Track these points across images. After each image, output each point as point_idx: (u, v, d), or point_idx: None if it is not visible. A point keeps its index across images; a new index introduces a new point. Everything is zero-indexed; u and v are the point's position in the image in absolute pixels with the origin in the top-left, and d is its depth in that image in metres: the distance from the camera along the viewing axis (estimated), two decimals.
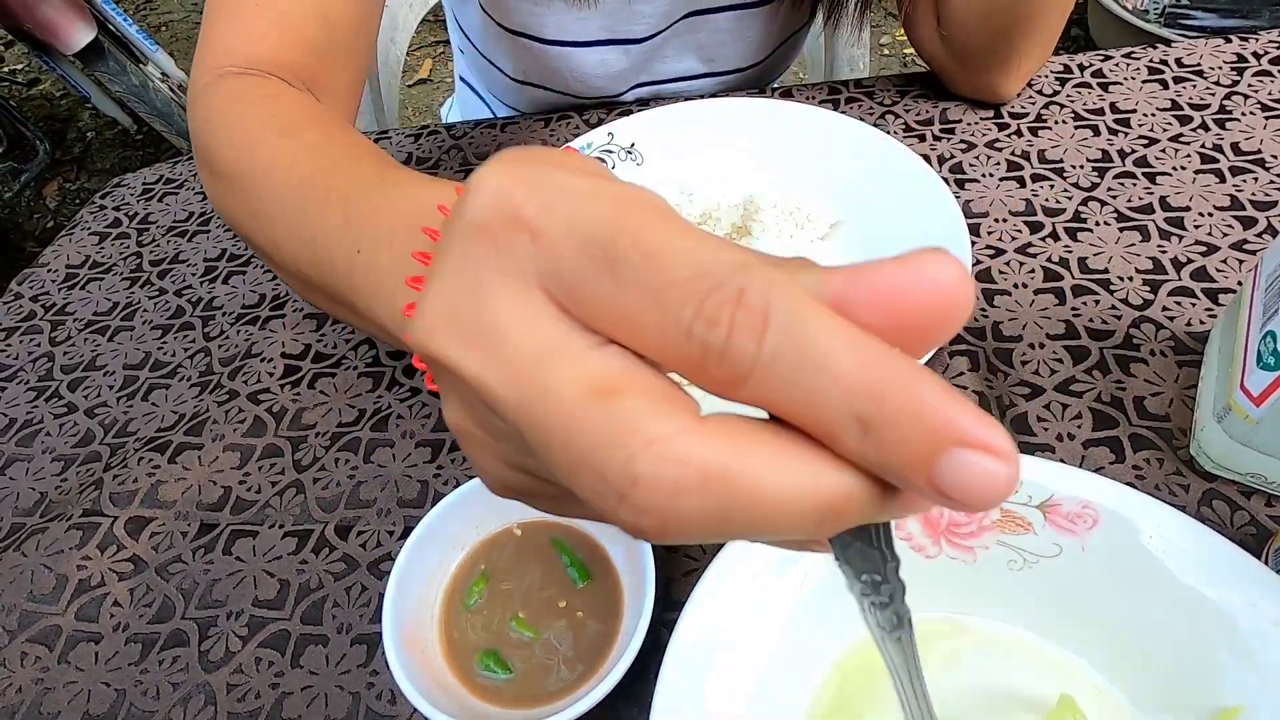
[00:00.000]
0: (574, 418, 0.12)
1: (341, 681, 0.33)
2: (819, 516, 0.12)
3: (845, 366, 0.11)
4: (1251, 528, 0.33)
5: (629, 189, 0.13)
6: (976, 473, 0.11)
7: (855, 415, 0.11)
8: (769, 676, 0.29)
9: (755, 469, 0.12)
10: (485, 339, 0.13)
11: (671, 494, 0.12)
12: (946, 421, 0.11)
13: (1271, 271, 0.33)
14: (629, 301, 0.12)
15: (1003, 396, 0.39)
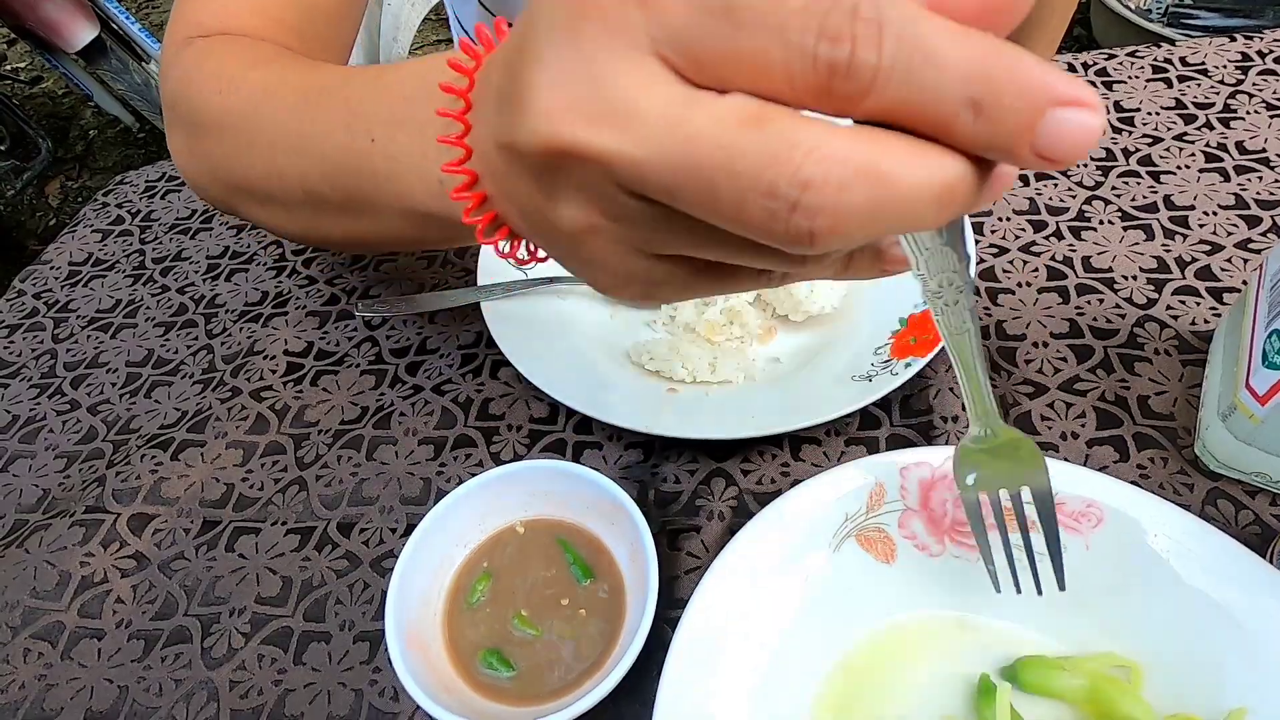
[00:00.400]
0: (733, 148, 0.13)
1: (344, 679, 0.33)
2: (941, 201, 0.14)
3: (955, 58, 0.13)
4: (1256, 527, 0.33)
5: None
6: (1072, 127, 0.13)
7: (969, 99, 0.13)
8: (772, 674, 0.29)
9: (897, 162, 0.13)
10: (616, 112, 0.14)
11: (839, 190, 0.13)
12: (1045, 87, 0.13)
13: (1277, 270, 0.33)
14: (751, 42, 0.13)
15: (1006, 395, 0.39)
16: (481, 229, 0.22)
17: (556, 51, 0.14)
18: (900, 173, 0.13)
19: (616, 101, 0.14)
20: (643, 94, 0.14)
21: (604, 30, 0.14)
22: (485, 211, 0.21)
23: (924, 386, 0.39)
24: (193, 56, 0.36)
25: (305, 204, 0.31)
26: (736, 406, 0.39)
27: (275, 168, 0.31)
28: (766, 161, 0.13)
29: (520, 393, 0.43)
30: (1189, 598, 0.28)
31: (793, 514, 0.31)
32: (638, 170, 0.14)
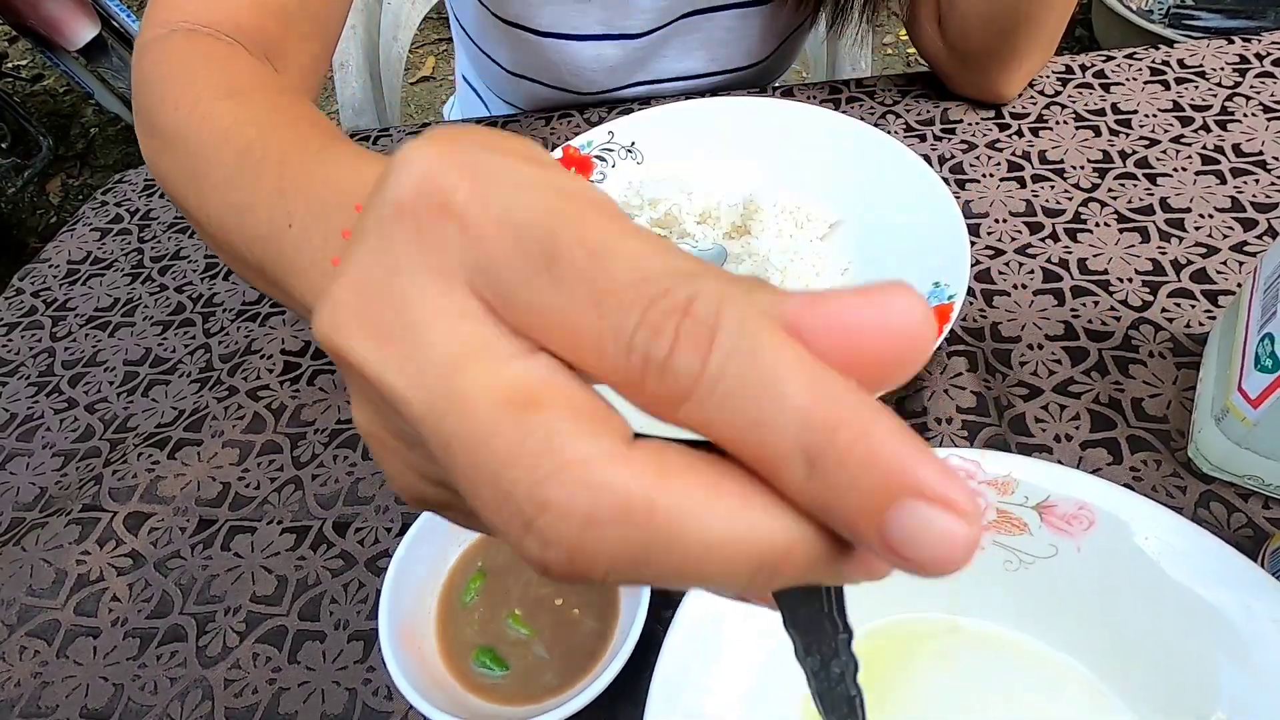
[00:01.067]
0: (484, 430, 0.11)
1: (338, 677, 0.34)
2: (753, 567, 0.11)
3: (795, 392, 0.10)
4: (1249, 530, 0.33)
5: (575, 181, 0.12)
6: (932, 530, 0.10)
7: (802, 447, 0.10)
8: (764, 675, 0.29)
9: (684, 504, 0.10)
10: (397, 336, 0.12)
11: (584, 525, 0.10)
12: (902, 467, 0.10)
13: (1270, 274, 0.33)
14: (566, 304, 0.11)
15: (1001, 397, 0.39)
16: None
17: (368, 250, 0.12)
18: (690, 520, 0.10)
19: (404, 324, 0.12)
20: (434, 324, 0.12)
21: (417, 241, 0.12)
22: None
23: (918, 389, 0.40)
24: (170, 52, 0.35)
25: (227, 251, 0.31)
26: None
27: (205, 208, 0.30)
28: (511, 459, 0.11)
29: None
30: (1180, 600, 0.28)
31: None
32: (401, 406, 0.12)
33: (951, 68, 0.54)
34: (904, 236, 0.44)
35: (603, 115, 0.59)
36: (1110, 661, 0.29)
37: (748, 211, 0.47)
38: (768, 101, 0.53)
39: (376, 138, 0.62)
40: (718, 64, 0.62)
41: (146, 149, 0.35)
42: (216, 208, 0.30)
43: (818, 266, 0.42)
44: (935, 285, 0.40)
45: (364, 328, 0.12)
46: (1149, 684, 0.28)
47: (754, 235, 0.46)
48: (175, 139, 0.32)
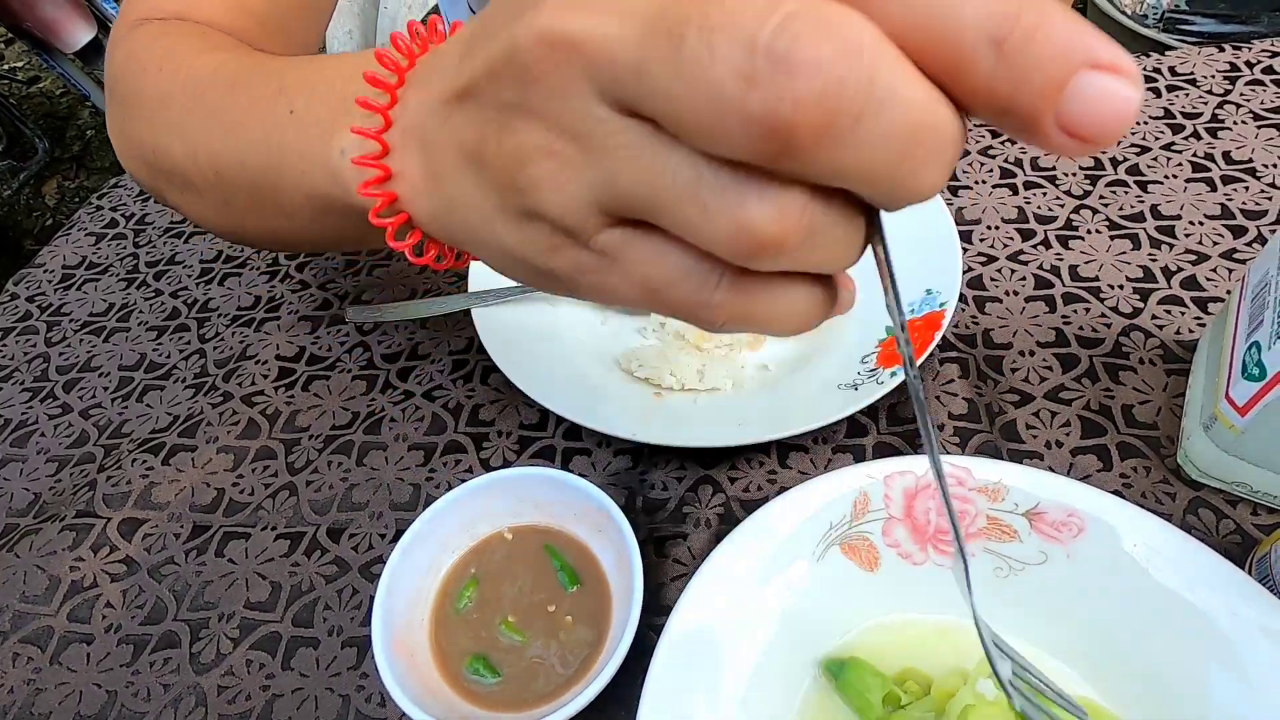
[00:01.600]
0: (707, 5, 0.12)
1: (332, 684, 0.34)
2: (941, 145, 0.12)
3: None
4: (1237, 536, 0.33)
5: None
6: (1107, 96, 0.11)
7: (990, 35, 0.11)
8: (755, 681, 0.29)
9: (899, 61, 0.12)
10: (610, 7, 0.13)
11: (832, 62, 0.11)
12: (1079, 42, 0.11)
13: (1258, 281, 0.33)
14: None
15: (992, 403, 0.39)
16: (393, 230, 0.21)
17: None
18: (914, 87, 0.12)
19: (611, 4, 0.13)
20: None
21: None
22: (388, 190, 0.21)
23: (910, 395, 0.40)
24: (144, 36, 0.35)
25: (216, 189, 0.30)
26: (725, 414, 0.39)
27: (191, 148, 0.29)
28: (746, 11, 0.12)
29: (510, 399, 0.43)
30: (1169, 606, 0.28)
31: (778, 522, 0.31)
32: (613, 50, 0.13)
33: None
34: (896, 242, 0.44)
35: None
36: (1100, 667, 0.29)
37: None
38: None
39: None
40: None
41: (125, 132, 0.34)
42: (205, 138, 0.29)
43: None
44: (927, 292, 0.40)
45: (576, 8, 0.14)
46: (1139, 689, 0.28)
47: None
48: (160, 99, 0.31)
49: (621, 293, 0.17)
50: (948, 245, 0.41)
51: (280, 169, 0.26)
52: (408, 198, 0.21)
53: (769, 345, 0.43)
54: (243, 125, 0.27)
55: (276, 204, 0.27)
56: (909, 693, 0.29)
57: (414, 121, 0.20)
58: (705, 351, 0.42)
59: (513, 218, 0.18)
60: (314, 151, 0.24)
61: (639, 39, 0.13)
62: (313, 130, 0.24)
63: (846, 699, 0.29)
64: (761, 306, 0.16)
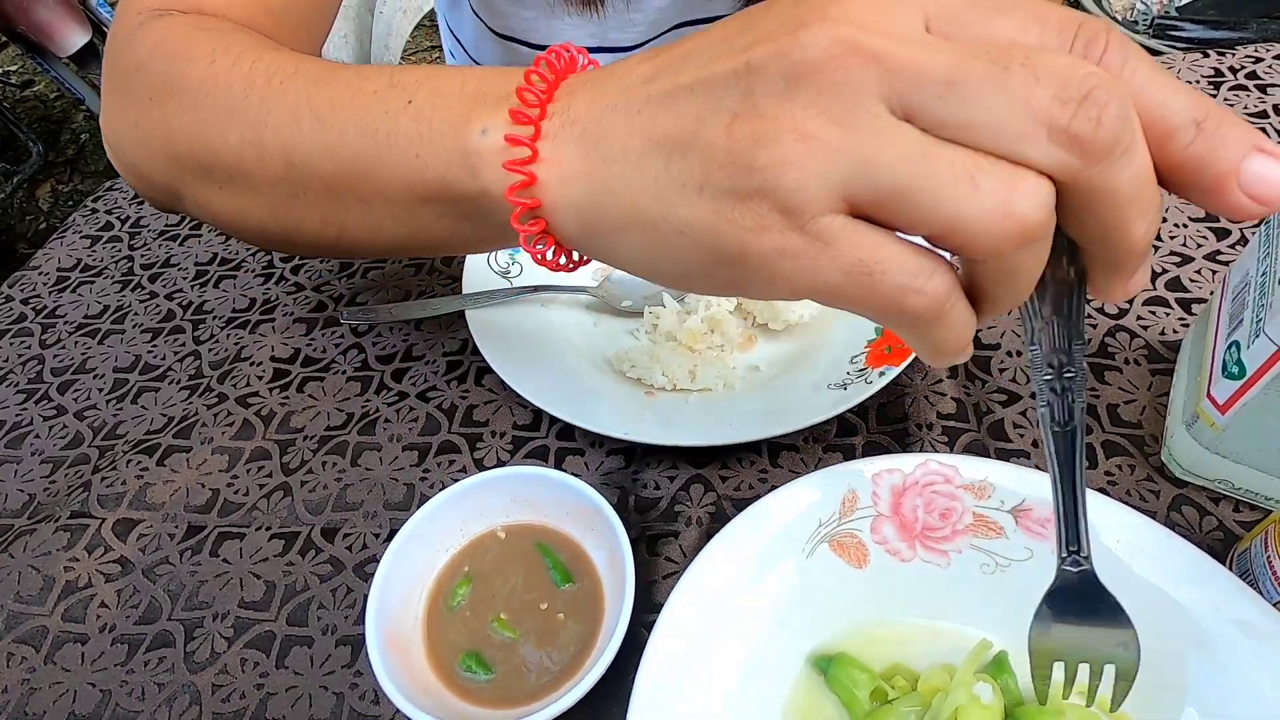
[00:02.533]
0: (1027, 59, 0.16)
1: (326, 682, 0.34)
2: (1150, 192, 0.17)
3: (1183, 91, 0.17)
4: (1219, 532, 0.34)
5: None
6: (1271, 171, 0.16)
7: (1193, 119, 0.16)
8: (745, 677, 0.29)
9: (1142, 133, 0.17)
10: (904, 33, 0.17)
11: (1122, 106, 0.16)
12: (1251, 133, 0.17)
13: (1238, 282, 0.34)
14: (1016, 25, 0.17)
15: (980, 403, 0.40)
16: (519, 213, 0.22)
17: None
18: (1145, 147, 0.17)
19: (905, 30, 0.17)
20: (923, 33, 0.18)
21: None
22: (531, 196, 0.22)
23: (899, 394, 0.40)
24: (177, 27, 0.33)
25: (282, 182, 0.29)
26: (716, 414, 0.40)
27: (257, 136, 0.29)
28: (1060, 68, 0.16)
29: (504, 400, 0.43)
30: (1150, 600, 0.29)
31: (768, 520, 0.32)
32: (923, 74, 0.17)
33: None
34: None
35: None
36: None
37: None
38: None
39: None
40: None
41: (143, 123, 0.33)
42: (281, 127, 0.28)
43: None
44: None
45: (873, 27, 0.17)
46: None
47: None
48: (211, 87, 0.30)
49: (824, 276, 0.19)
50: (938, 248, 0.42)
51: (381, 158, 0.26)
52: (551, 184, 0.22)
53: (760, 346, 0.44)
54: (338, 115, 0.27)
55: (363, 193, 0.27)
56: (896, 688, 0.29)
57: (580, 115, 0.22)
58: (697, 352, 0.43)
59: (715, 197, 0.19)
60: (439, 136, 0.24)
61: (954, 62, 0.17)
62: (439, 117, 0.25)
63: (834, 694, 0.30)
64: (955, 310, 0.19)
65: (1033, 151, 0.16)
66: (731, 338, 0.43)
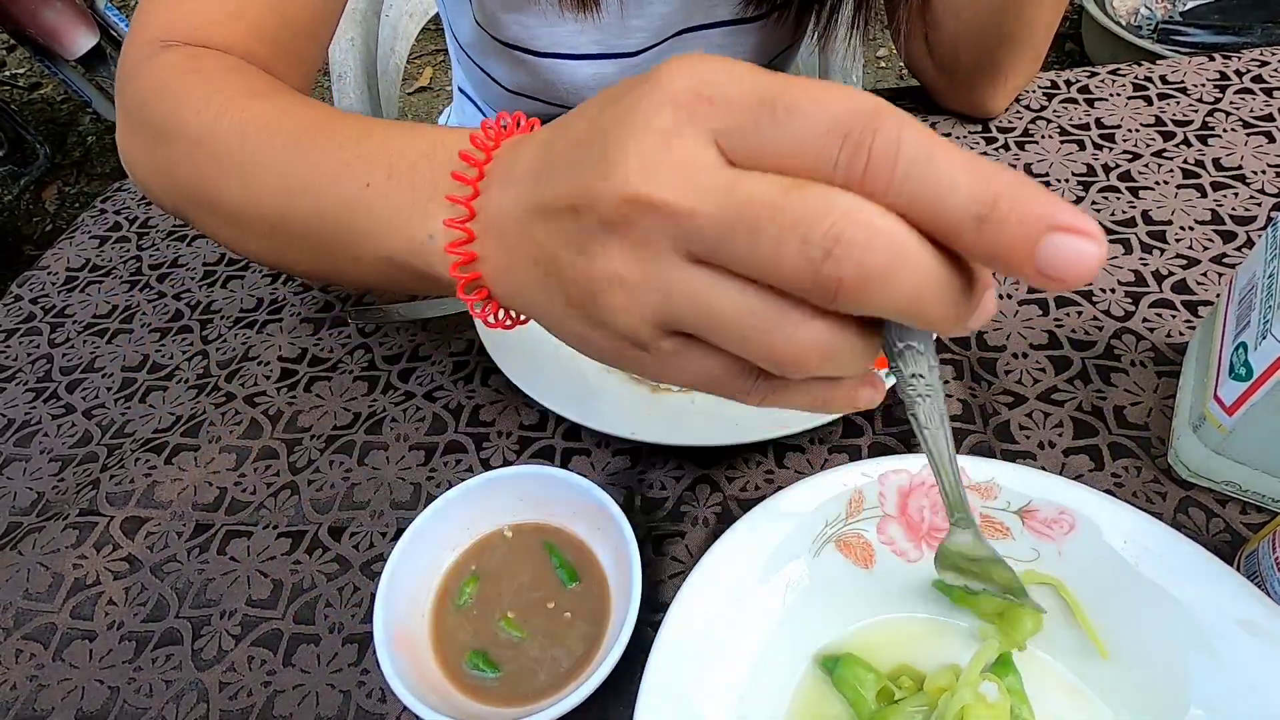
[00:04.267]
0: (779, 206, 0.16)
1: (333, 680, 0.34)
2: (956, 298, 0.17)
3: (964, 180, 0.15)
4: (1226, 534, 0.34)
5: (771, 73, 0.18)
6: (1069, 250, 0.15)
7: (974, 215, 0.15)
8: (752, 677, 0.29)
9: (923, 247, 0.16)
10: (685, 177, 0.18)
11: (865, 249, 0.16)
12: (1046, 213, 0.15)
13: (1245, 284, 0.34)
14: (791, 137, 0.17)
15: (986, 405, 0.40)
16: (463, 284, 0.25)
17: (640, 131, 0.18)
18: (920, 254, 0.16)
19: (687, 168, 0.18)
20: (706, 166, 0.18)
21: (685, 118, 0.18)
22: (471, 270, 0.24)
23: None
24: (171, 68, 0.35)
25: (275, 234, 0.31)
26: (722, 414, 0.40)
27: (254, 195, 0.31)
28: (808, 217, 0.16)
29: (510, 400, 0.43)
30: (1157, 602, 0.29)
31: (774, 520, 0.32)
32: (697, 222, 0.18)
33: (940, 84, 0.55)
34: None
35: None
36: (1089, 661, 0.30)
37: None
38: None
39: None
40: None
41: (153, 159, 0.35)
42: (269, 194, 0.30)
43: None
44: None
45: (658, 177, 0.18)
46: (1126, 683, 0.29)
47: None
48: (207, 138, 0.32)
49: (677, 381, 0.22)
50: None
51: (355, 234, 0.28)
52: (489, 278, 0.24)
53: None
54: (314, 188, 0.29)
55: (340, 258, 0.30)
56: (902, 688, 0.29)
57: (495, 215, 0.23)
58: None
59: (583, 321, 0.22)
60: (397, 230, 0.26)
61: (724, 220, 0.17)
62: (395, 210, 0.27)
63: (841, 694, 0.30)
64: (787, 395, 0.21)
65: (801, 294, 0.17)
66: None
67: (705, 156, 0.18)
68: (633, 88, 0.19)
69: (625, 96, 0.19)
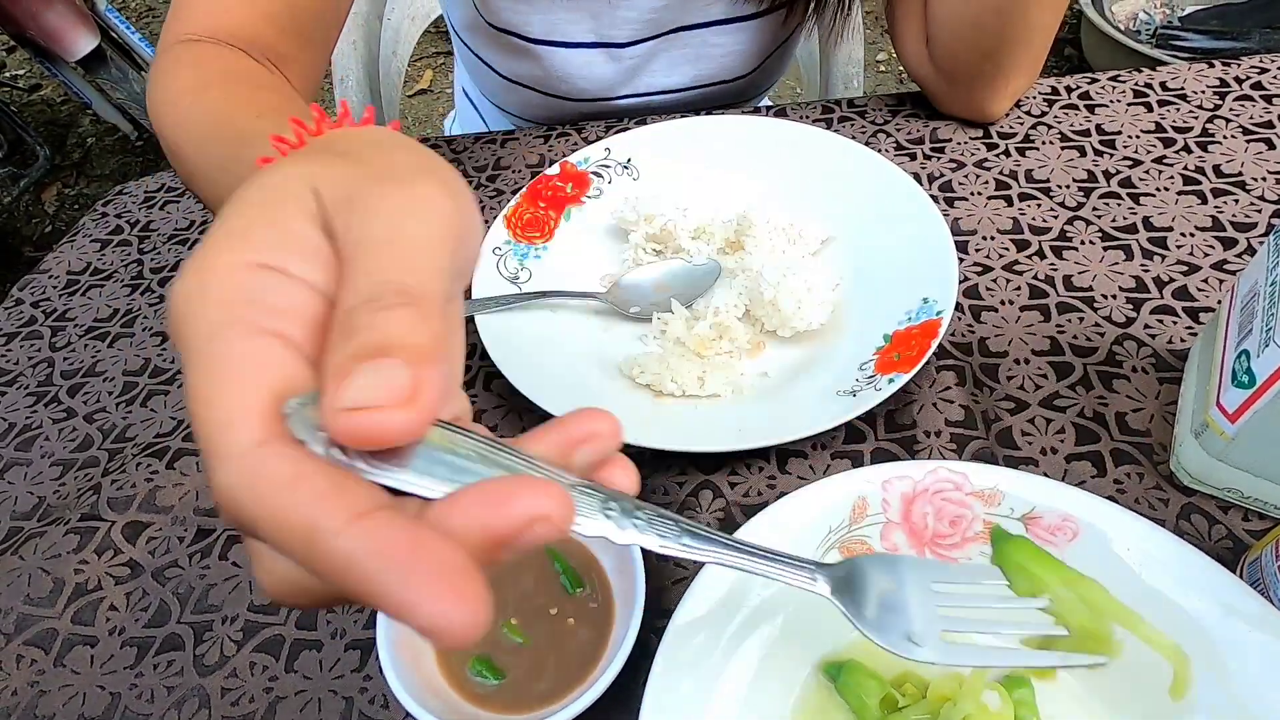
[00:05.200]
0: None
1: (335, 686, 0.34)
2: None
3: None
4: (1229, 541, 0.34)
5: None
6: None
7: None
8: (755, 683, 0.29)
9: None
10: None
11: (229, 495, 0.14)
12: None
13: (1247, 291, 0.34)
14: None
15: (988, 411, 0.40)
16: None
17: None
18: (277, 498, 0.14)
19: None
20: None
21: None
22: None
23: (908, 401, 0.40)
24: (168, 66, 0.40)
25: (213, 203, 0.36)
26: (725, 420, 0.40)
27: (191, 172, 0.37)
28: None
29: (513, 405, 0.43)
30: (1160, 608, 0.29)
31: (778, 526, 0.32)
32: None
33: (939, 88, 0.55)
34: (894, 253, 0.45)
35: (600, 132, 0.60)
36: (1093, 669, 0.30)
37: (741, 228, 0.48)
38: (762, 120, 0.54)
39: None
40: (704, 78, 0.63)
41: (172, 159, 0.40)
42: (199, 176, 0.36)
43: (810, 282, 0.42)
44: (924, 301, 0.41)
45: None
46: (1131, 691, 0.29)
47: (748, 251, 0.47)
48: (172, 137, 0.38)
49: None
50: (944, 255, 0.42)
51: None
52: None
53: (768, 352, 0.44)
54: (218, 183, 0.34)
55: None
56: (906, 695, 0.29)
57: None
58: (705, 358, 0.43)
59: None
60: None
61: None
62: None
63: (845, 701, 0.30)
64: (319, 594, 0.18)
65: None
66: (740, 343, 0.44)
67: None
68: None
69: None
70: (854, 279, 0.46)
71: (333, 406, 0.14)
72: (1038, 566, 0.29)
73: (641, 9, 0.57)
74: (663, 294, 0.46)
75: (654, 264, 0.48)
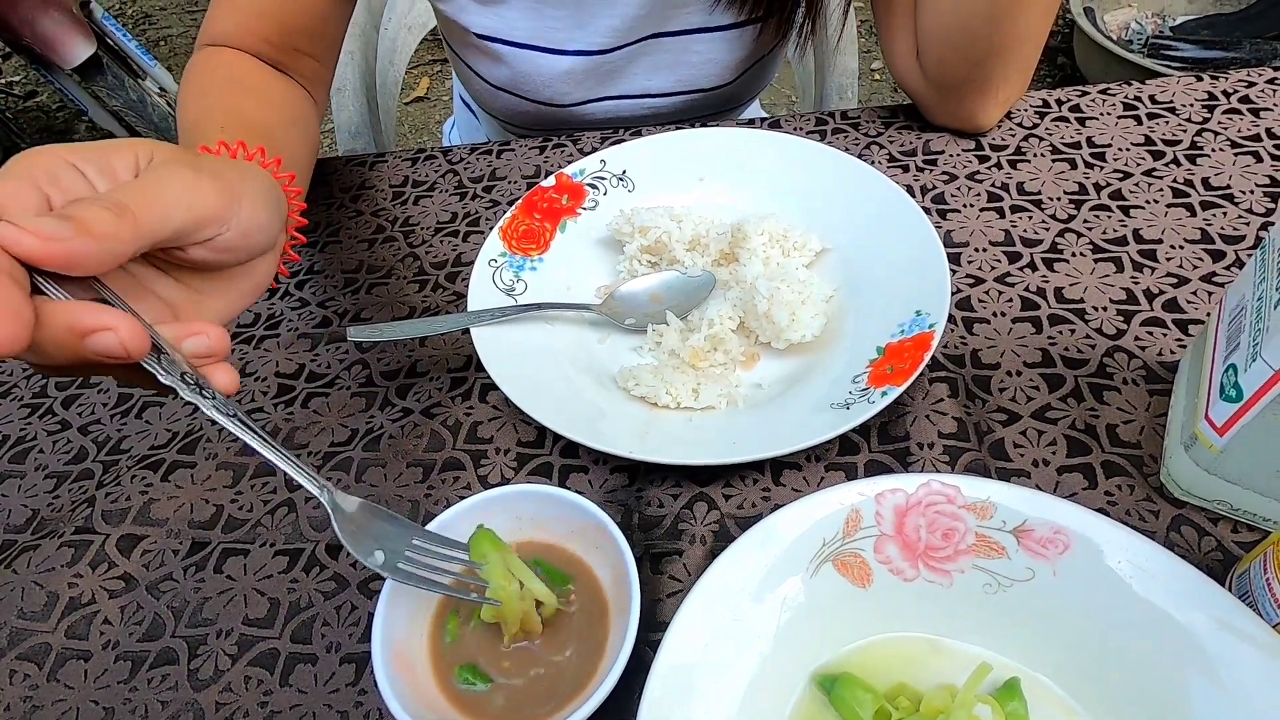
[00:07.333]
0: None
1: (330, 700, 0.34)
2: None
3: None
4: (1218, 553, 0.34)
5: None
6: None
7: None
8: (750, 696, 0.30)
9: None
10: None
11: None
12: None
13: (1234, 305, 0.34)
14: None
15: (980, 422, 0.40)
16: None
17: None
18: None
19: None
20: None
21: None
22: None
23: (901, 414, 0.41)
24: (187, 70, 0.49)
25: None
26: (719, 432, 0.40)
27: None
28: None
29: (508, 417, 0.44)
30: (1151, 620, 0.29)
31: (772, 539, 0.32)
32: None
33: (930, 98, 0.56)
34: (887, 265, 0.45)
35: (595, 144, 0.60)
36: (1085, 680, 0.30)
37: (736, 239, 0.48)
38: (756, 133, 0.54)
39: (373, 163, 0.63)
40: (686, 83, 0.64)
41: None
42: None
43: (804, 294, 0.43)
44: (917, 313, 0.41)
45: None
46: (1122, 702, 0.29)
47: (742, 262, 0.47)
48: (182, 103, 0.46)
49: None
50: (937, 267, 0.42)
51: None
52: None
53: (762, 364, 0.44)
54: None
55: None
56: (900, 708, 0.30)
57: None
58: (700, 371, 0.43)
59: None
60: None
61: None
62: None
63: (838, 713, 0.30)
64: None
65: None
66: (734, 355, 0.44)
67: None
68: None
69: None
70: (847, 291, 0.46)
71: (17, 223, 0.23)
72: (488, 546, 0.33)
73: (616, 16, 0.58)
74: (657, 306, 0.47)
75: (649, 276, 0.48)
